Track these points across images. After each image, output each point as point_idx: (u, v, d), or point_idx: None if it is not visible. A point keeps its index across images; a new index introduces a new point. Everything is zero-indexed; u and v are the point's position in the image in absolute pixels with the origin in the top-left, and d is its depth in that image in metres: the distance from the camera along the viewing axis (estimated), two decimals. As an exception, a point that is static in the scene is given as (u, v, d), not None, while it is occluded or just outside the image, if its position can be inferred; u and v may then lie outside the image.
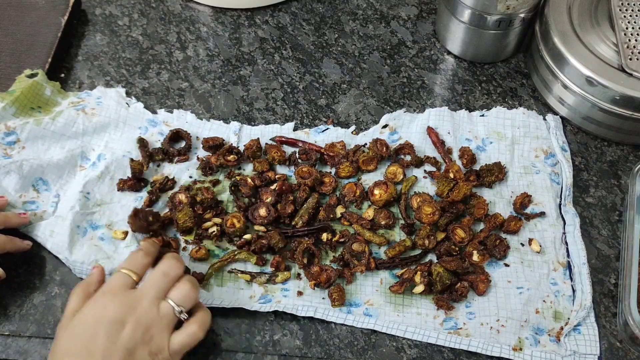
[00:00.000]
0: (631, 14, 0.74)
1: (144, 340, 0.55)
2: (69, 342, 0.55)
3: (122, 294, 0.56)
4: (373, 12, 0.89)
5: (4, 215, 0.65)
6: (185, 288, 0.58)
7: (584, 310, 0.63)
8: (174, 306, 0.57)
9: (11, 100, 0.73)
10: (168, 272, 0.58)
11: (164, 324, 0.56)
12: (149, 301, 0.56)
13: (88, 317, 0.55)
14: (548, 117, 0.76)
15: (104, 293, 0.57)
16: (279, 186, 0.69)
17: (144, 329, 0.55)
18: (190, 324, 0.58)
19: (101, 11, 0.88)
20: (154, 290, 0.57)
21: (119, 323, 0.54)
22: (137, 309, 0.56)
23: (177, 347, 0.56)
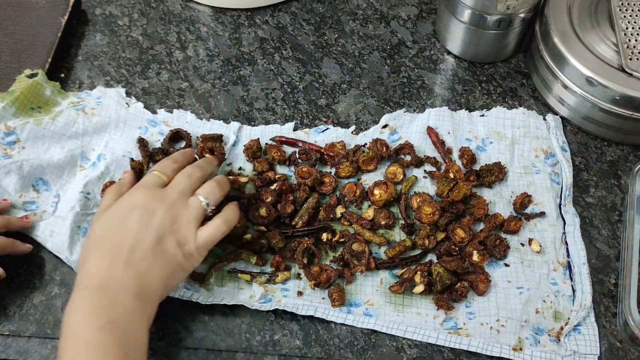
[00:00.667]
0: (631, 14, 0.74)
1: (173, 229, 0.58)
2: (102, 228, 0.59)
3: (153, 189, 0.61)
4: (373, 12, 0.89)
5: (7, 219, 0.66)
6: (211, 185, 0.63)
7: (584, 310, 0.63)
8: (201, 199, 0.61)
9: (11, 100, 0.73)
10: (192, 173, 0.63)
11: (192, 216, 0.60)
12: (177, 194, 0.61)
13: (121, 207, 0.60)
14: (548, 117, 0.76)
15: (136, 188, 0.62)
16: (279, 186, 0.69)
17: (172, 218, 0.59)
18: (216, 218, 0.61)
19: (101, 11, 0.88)
20: (181, 187, 0.61)
21: (149, 210, 0.58)
22: (167, 200, 0.60)
23: (202, 240, 0.60)
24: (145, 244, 0.57)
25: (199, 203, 0.61)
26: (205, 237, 0.60)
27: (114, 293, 0.55)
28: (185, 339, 0.63)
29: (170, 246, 0.58)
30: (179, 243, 0.58)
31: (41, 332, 0.63)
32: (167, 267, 0.58)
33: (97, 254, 0.57)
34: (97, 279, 0.55)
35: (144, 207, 0.59)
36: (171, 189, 0.61)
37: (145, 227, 0.57)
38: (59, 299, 0.65)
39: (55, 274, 0.67)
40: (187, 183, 0.62)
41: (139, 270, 0.56)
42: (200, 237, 0.60)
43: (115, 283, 0.55)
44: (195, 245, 0.59)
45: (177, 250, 0.58)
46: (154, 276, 0.57)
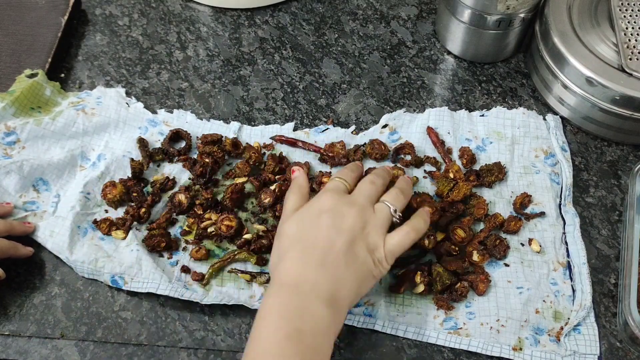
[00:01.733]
0: (631, 14, 0.74)
1: (363, 234, 0.57)
2: (295, 229, 0.58)
3: (340, 194, 0.60)
4: (373, 12, 0.89)
5: (9, 224, 0.66)
6: (396, 191, 0.62)
7: (584, 310, 0.63)
8: (389, 205, 0.60)
9: (11, 100, 0.73)
10: (375, 180, 0.62)
11: (380, 222, 0.59)
12: (364, 200, 0.60)
13: (312, 208, 0.59)
14: (548, 117, 0.76)
15: (324, 192, 0.61)
16: (278, 187, 0.69)
17: (363, 223, 0.58)
18: (405, 226, 0.60)
19: (101, 11, 0.88)
20: (367, 193, 0.61)
21: (340, 214, 0.58)
22: (356, 205, 0.59)
23: (391, 247, 0.58)
24: (337, 247, 0.56)
25: (387, 209, 0.60)
26: (394, 243, 0.58)
27: (307, 297, 0.53)
28: (185, 339, 0.63)
29: (361, 251, 0.56)
30: (369, 249, 0.57)
31: (41, 332, 0.63)
32: (358, 273, 0.56)
33: (293, 254, 0.56)
34: (293, 278, 0.55)
35: (335, 210, 0.58)
36: (358, 195, 0.60)
37: (337, 230, 0.56)
38: (59, 299, 0.65)
39: (55, 274, 0.67)
40: (372, 189, 0.61)
41: (332, 275, 0.55)
42: (389, 244, 0.58)
43: (309, 285, 0.54)
44: (384, 252, 0.58)
45: (367, 256, 0.57)
46: (346, 282, 0.55)
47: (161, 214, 0.70)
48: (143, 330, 0.64)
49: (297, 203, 0.61)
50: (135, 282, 0.65)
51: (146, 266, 0.65)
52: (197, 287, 0.65)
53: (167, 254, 0.68)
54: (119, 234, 0.68)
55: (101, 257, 0.66)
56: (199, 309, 0.65)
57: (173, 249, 0.68)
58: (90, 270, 0.66)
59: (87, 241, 0.68)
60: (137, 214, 0.69)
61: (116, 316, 0.65)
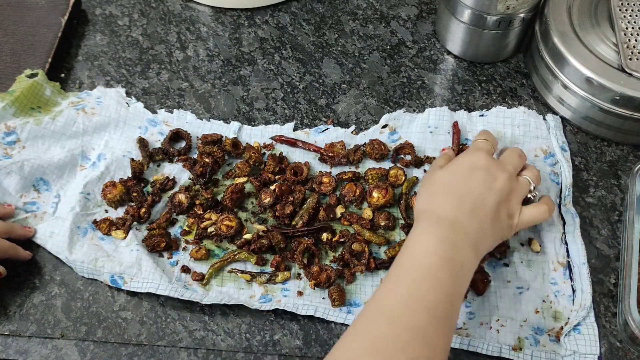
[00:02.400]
0: (631, 14, 0.74)
1: (507, 199, 0.60)
2: (447, 178, 0.61)
3: (490, 155, 0.62)
4: (373, 12, 0.89)
5: (10, 226, 0.66)
6: (535, 171, 0.64)
7: (583, 310, 0.63)
8: (530, 181, 0.63)
9: (11, 100, 0.73)
10: (522, 154, 0.65)
11: (521, 193, 0.62)
12: (512, 169, 0.62)
13: (465, 162, 0.62)
14: (548, 117, 0.76)
15: (476, 150, 0.63)
16: (278, 187, 0.69)
17: (509, 189, 0.60)
18: (541, 203, 0.63)
19: (101, 11, 0.88)
20: (514, 164, 0.63)
21: (492, 175, 0.60)
22: (506, 171, 0.61)
23: (527, 217, 0.62)
24: (487, 203, 0.58)
25: (528, 184, 0.63)
26: (529, 215, 0.62)
27: (460, 236, 0.56)
28: (185, 339, 0.63)
29: (503, 213, 0.60)
30: (508, 214, 0.60)
31: (41, 332, 0.63)
32: (497, 232, 0.59)
33: (447, 197, 0.59)
34: (450, 216, 0.57)
35: (488, 169, 0.60)
36: (508, 163, 0.62)
37: (489, 188, 0.59)
38: (59, 299, 0.65)
39: (55, 274, 0.67)
40: (519, 162, 0.64)
41: (480, 226, 0.58)
42: (525, 214, 0.61)
43: (462, 227, 0.57)
44: (517, 221, 0.61)
45: (506, 219, 0.60)
46: (488, 236, 0.58)
47: (161, 214, 0.70)
48: (143, 330, 0.64)
49: (444, 161, 0.64)
50: (135, 282, 0.65)
51: (146, 266, 0.65)
52: (197, 287, 0.66)
53: (167, 254, 0.68)
54: (119, 234, 0.68)
55: (101, 257, 0.66)
56: (199, 309, 0.65)
57: (173, 249, 0.68)
58: (90, 270, 0.66)
59: (87, 241, 0.68)
60: (137, 214, 0.69)
61: (116, 316, 0.65)
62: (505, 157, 0.64)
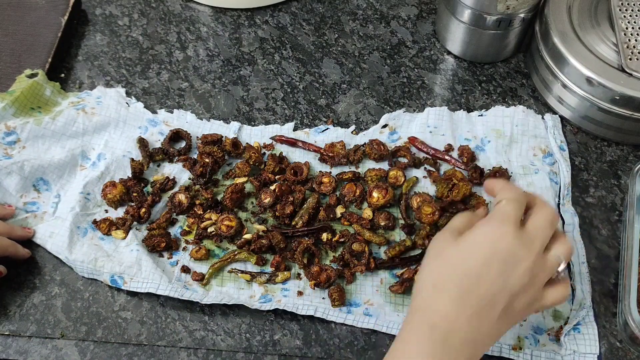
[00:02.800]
0: (631, 14, 0.74)
1: (528, 287, 0.51)
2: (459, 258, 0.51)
3: (517, 228, 0.51)
4: (373, 12, 0.89)
5: (10, 227, 0.66)
6: (569, 244, 0.53)
7: (583, 309, 0.63)
8: (561, 260, 0.53)
9: (11, 100, 0.73)
10: (554, 221, 0.53)
11: (546, 275, 0.52)
12: (540, 246, 0.51)
13: (483, 245, 0.51)
14: (546, 116, 0.76)
15: (502, 223, 0.51)
16: (278, 187, 0.69)
17: (532, 275, 0.51)
18: (566, 285, 0.54)
19: (101, 11, 0.88)
20: (544, 235, 0.52)
21: (514, 261, 0.50)
22: (533, 251, 0.51)
23: (548, 303, 0.53)
24: (499, 300, 0.50)
25: (557, 265, 0.52)
26: (551, 299, 0.53)
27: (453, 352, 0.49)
28: (185, 339, 0.63)
29: (519, 305, 0.51)
30: (528, 303, 0.51)
31: (41, 332, 0.63)
32: (506, 326, 0.52)
33: (450, 293, 0.50)
34: (445, 325, 0.50)
35: (509, 255, 0.50)
36: (536, 237, 0.52)
37: (505, 281, 0.50)
38: (59, 299, 0.65)
39: (55, 274, 0.67)
40: (547, 233, 0.52)
41: (484, 329, 0.50)
42: (548, 299, 0.53)
43: (458, 340, 0.49)
44: (539, 306, 0.53)
45: (523, 310, 0.52)
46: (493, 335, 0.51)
47: (161, 214, 0.70)
48: (143, 330, 0.64)
49: (463, 225, 0.54)
50: (135, 282, 0.65)
51: (146, 266, 0.65)
52: (197, 287, 0.66)
53: (167, 254, 0.68)
54: (119, 233, 0.68)
55: (101, 257, 0.66)
56: (199, 309, 0.65)
57: (173, 249, 0.68)
58: (90, 269, 0.66)
59: (87, 241, 0.68)
60: (137, 214, 0.69)
61: (116, 316, 0.65)
62: (534, 225, 0.52)
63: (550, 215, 0.53)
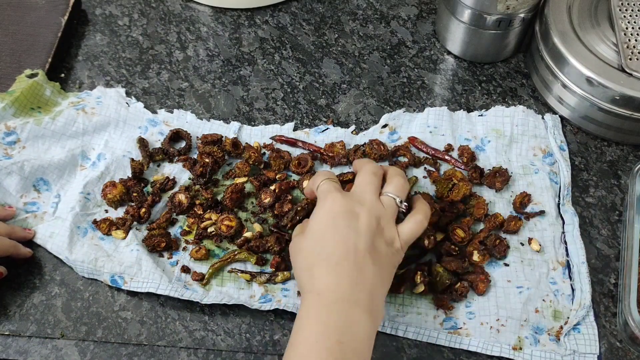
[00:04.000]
0: (631, 14, 0.74)
1: (378, 230, 0.56)
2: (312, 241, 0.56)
3: (342, 192, 0.58)
4: (373, 12, 0.89)
5: (10, 228, 0.66)
6: (398, 180, 0.60)
7: (583, 309, 0.63)
8: (394, 197, 0.59)
9: (11, 101, 0.73)
10: (375, 171, 0.60)
11: (390, 214, 0.58)
12: (370, 195, 0.58)
13: (322, 217, 0.57)
14: (546, 116, 0.76)
15: (326, 197, 0.58)
16: (278, 187, 0.69)
17: (375, 219, 0.56)
18: (415, 214, 0.60)
19: (101, 11, 0.88)
20: (371, 186, 0.59)
21: (354, 214, 0.56)
22: (364, 202, 0.57)
23: (407, 236, 0.58)
24: (361, 248, 0.55)
25: (393, 201, 0.59)
26: (408, 232, 0.59)
27: (347, 308, 0.53)
28: (185, 339, 0.63)
29: (382, 246, 0.56)
30: (387, 242, 0.57)
31: (41, 332, 0.63)
32: (384, 267, 0.56)
33: (321, 267, 0.55)
34: (331, 291, 0.53)
35: (347, 212, 0.56)
36: (363, 191, 0.59)
37: (356, 232, 0.55)
38: (59, 299, 0.65)
39: (55, 274, 0.67)
40: (375, 182, 0.60)
41: (365, 277, 0.54)
42: (404, 234, 0.58)
43: (347, 295, 0.53)
44: (400, 242, 0.58)
45: (388, 249, 0.57)
46: (377, 280, 0.55)
47: (161, 214, 0.70)
48: (143, 330, 0.64)
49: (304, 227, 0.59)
50: (135, 282, 0.65)
51: (146, 266, 0.65)
52: (197, 287, 0.66)
53: (167, 254, 0.68)
54: (119, 233, 0.68)
55: (101, 257, 0.66)
56: (199, 309, 0.65)
57: (173, 249, 0.68)
58: (90, 269, 0.66)
59: (87, 241, 0.68)
60: (137, 214, 0.69)
61: (116, 316, 0.65)
62: (358, 184, 0.60)
63: (370, 167, 0.61)
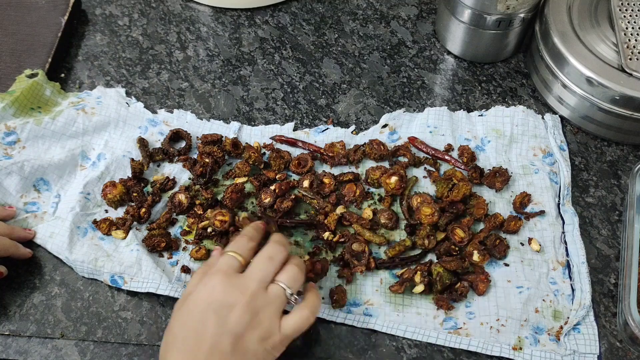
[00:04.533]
0: (631, 14, 0.74)
1: (253, 324, 0.54)
2: (180, 326, 0.54)
3: (231, 276, 0.55)
4: (373, 12, 0.89)
5: (10, 228, 0.67)
6: (293, 270, 0.57)
7: (583, 309, 0.63)
8: (285, 288, 0.56)
9: (11, 101, 0.73)
10: (273, 256, 0.57)
11: (274, 307, 0.55)
12: (257, 284, 0.55)
13: (198, 301, 0.54)
14: (546, 116, 0.77)
15: (213, 274, 0.56)
16: (278, 187, 0.69)
17: (252, 313, 0.54)
18: (302, 308, 0.57)
19: (101, 11, 0.88)
20: (261, 274, 0.56)
21: (227, 306, 0.54)
22: (246, 292, 0.54)
23: (289, 331, 0.55)
24: (223, 346, 0.52)
25: (282, 292, 0.55)
26: (291, 327, 0.55)
27: None
28: (185, 339, 0.63)
29: (251, 344, 0.53)
30: (262, 338, 0.54)
31: (41, 332, 0.63)
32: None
33: (177, 355, 0.53)
34: None
35: (221, 302, 0.54)
36: (250, 278, 0.55)
37: (223, 328, 0.53)
38: (59, 299, 0.65)
39: (55, 274, 0.67)
40: (269, 268, 0.56)
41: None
42: (285, 328, 0.55)
43: None
44: (280, 337, 0.55)
45: (258, 346, 0.54)
46: None
47: (161, 214, 0.70)
48: (143, 330, 0.64)
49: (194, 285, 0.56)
50: (135, 281, 0.65)
51: (146, 266, 0.65)
52: (197, 287, 0.65)
53: (167, 254, 0.68)
54: (119, 233, 0.68)
55: (101, 257, 0.66)
56: (199, 308, 0.65)
57: (173, 249, 0.68)
58: (90, 269, 0.66)
59: (87, 241, 0.68)
60: (137, 214, 0.69)
61: (116, 316, 0.65)
62: (252, 266, 0.56)
63: (269, 251, 0.57)
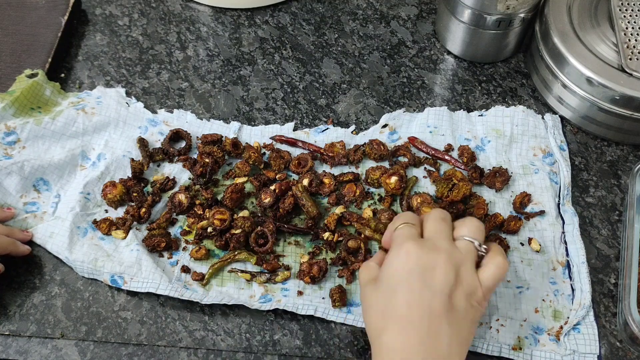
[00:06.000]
0: (631, 14, 0.74)
1: (457, 282, 0.52)
2: (386, 301, 0.52)
3: (418, 241, 0.53)
4: (373, 12, 0.89)
5: (9, 229, 0.67)
6: (473, 222, 0.55)
7: (583, 309, 0.63)
8: (472, 240, 0.54)
9: (11, 101, 0.73)
10: (444, 217, 0.56)
11: (470, 261, 0.53)
12: (447, 242, 0.53)
13: (397, 272, 0.52)
14: (546, 116, 0.77)
15: (400, 245, 0.54)
16: (278, 187, 0.69)
17: (455, 270, 0.52)
18: (492, 257, 0.54)
19: (101, 11, 0.88)
20: (444, 233, 0.54)
21: (430, 269, 0.51)
22: (441, 251, 0.52)
23: (490, 282, 0.53)
24: (436, 310, 0.50)
25: (471, 245, 0.54)
26: (490, 278, 0.53)
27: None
28: (185, 339, 0.63)
29: (460, 301, 0.51)
30: (467, 294, 0.52)
31: (41, 332, 0.63)
32: (463, 328, 0.52)
33: (391, 330, 0.51)
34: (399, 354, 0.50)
35: (422, 266, 0.52)
36: (438, 238, 0.54)
37: (431, 290, 0.51)
38: (59, 299, 0.65)
39: (55, 273, 0.67)
40: (447, 227, 0.55)
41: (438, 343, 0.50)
42: (486, 279, 0.53)
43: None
44: (482, 291, 0.53)
45: (467, 303, 0.52)
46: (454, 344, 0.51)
47: (161, 214, 0.70)
48: (143, 330, 0.64)
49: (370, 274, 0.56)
50: (135, 281, 0.65)
51: (146, 266, 0.65)
52: (197, 287, 0.66)
53: (167, 254, 0.68)
54: (119, 233, 0.68)
55: (101, 257, 0.66)
56: (199, 309, 0.65)
57: (173, 249, 0.68)
58: (90, 269, 0.66)
59: (87, 241, 0.68)
60: (137, 214, 0.69)
61: (116, 316, 0.65)
62: (428, 230, 0.55)
63: (438, 213, 0.56)
